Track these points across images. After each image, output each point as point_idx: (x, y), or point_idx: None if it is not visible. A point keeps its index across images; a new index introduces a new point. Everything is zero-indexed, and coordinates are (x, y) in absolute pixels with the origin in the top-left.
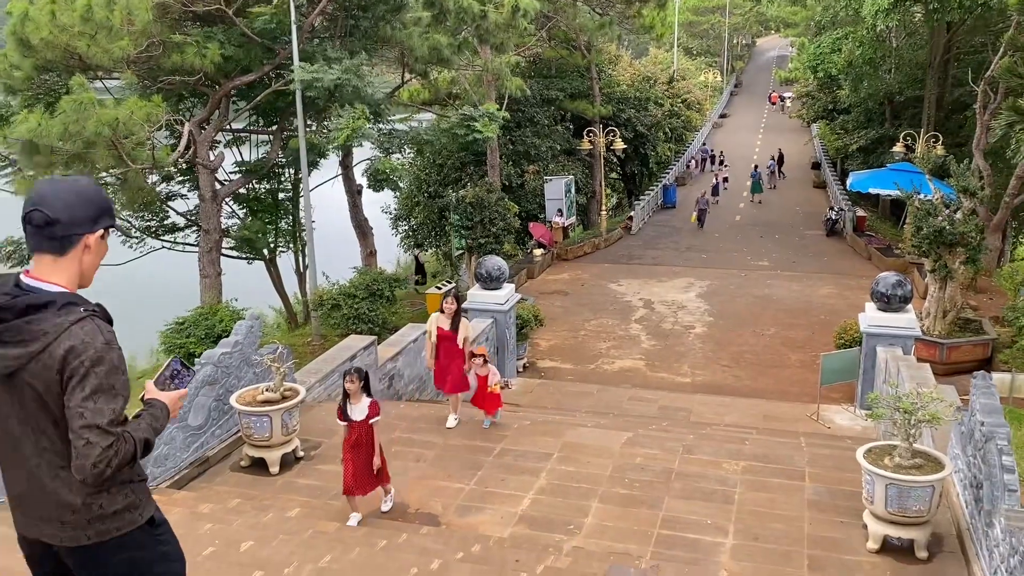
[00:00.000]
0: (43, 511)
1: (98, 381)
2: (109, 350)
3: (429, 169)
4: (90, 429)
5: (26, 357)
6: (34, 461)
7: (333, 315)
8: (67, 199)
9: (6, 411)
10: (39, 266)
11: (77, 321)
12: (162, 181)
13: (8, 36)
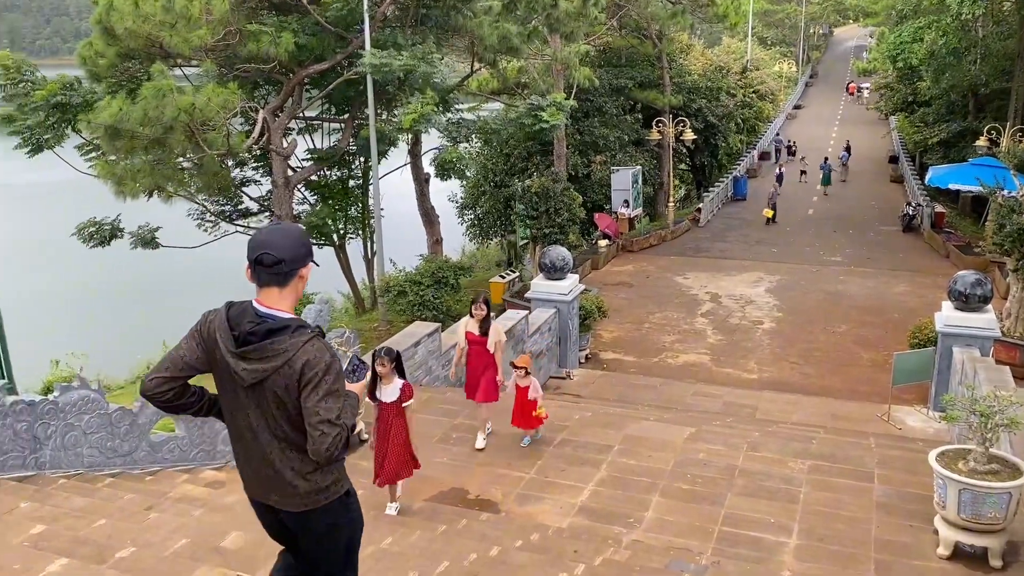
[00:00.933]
0: (271, 484)
1: (328, 386)
2: (333, 362)
3: (495, 158)
4: (324, 423)
5: (271, 370)
6: (268, 447)
7: (399, 301)
8: (286, 242)
9: (248, 408)
10: (267, 296)
11: (308, 340)
12: (236, 167)
13: (94, 25)
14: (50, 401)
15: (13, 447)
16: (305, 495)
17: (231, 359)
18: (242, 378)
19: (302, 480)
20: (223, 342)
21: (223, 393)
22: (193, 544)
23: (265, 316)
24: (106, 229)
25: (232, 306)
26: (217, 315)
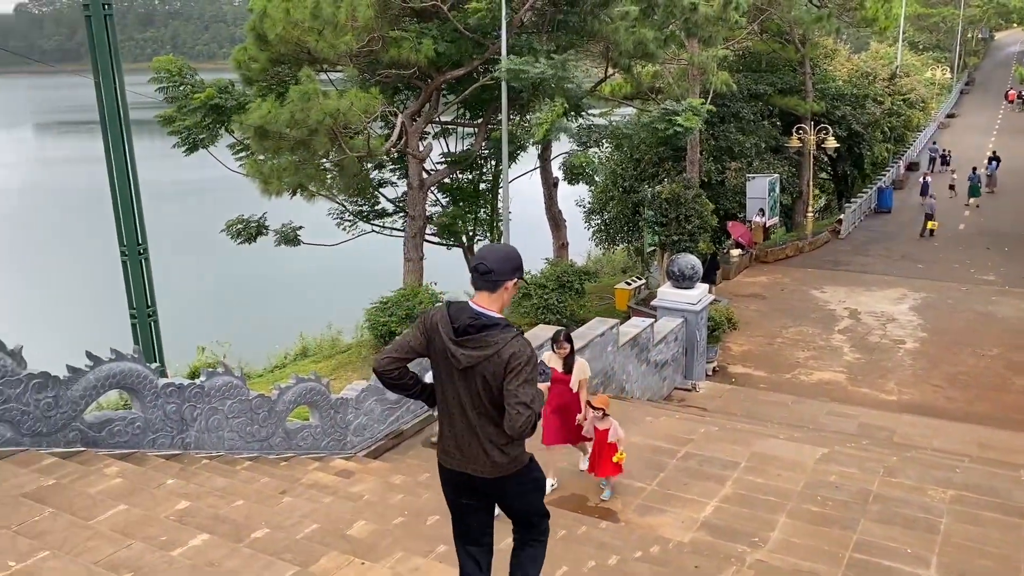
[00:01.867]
0: (474, 454)
1: (526, 375)
2: (533, 356)
3: (626, 163)
4: (521, 404)
5: (483, 358)
6: (474, 423)
7: (523, 304)
8: (498, 257)
9: (459, 387)
10: (480, 299)
11: (514, 337)
12: (375, 169)
13: (248, 31)
14: (197, 385)
15: (163, 427)
16: (498, 464)
17: (451, 345)
18: (458, 361)
19: (497, 451)
20: (444, 331)
21: (438, 374)
22: (322, 530)
23: (480, 314)
24: (253, 226)
25: (452, 304)
26: (439, 311)
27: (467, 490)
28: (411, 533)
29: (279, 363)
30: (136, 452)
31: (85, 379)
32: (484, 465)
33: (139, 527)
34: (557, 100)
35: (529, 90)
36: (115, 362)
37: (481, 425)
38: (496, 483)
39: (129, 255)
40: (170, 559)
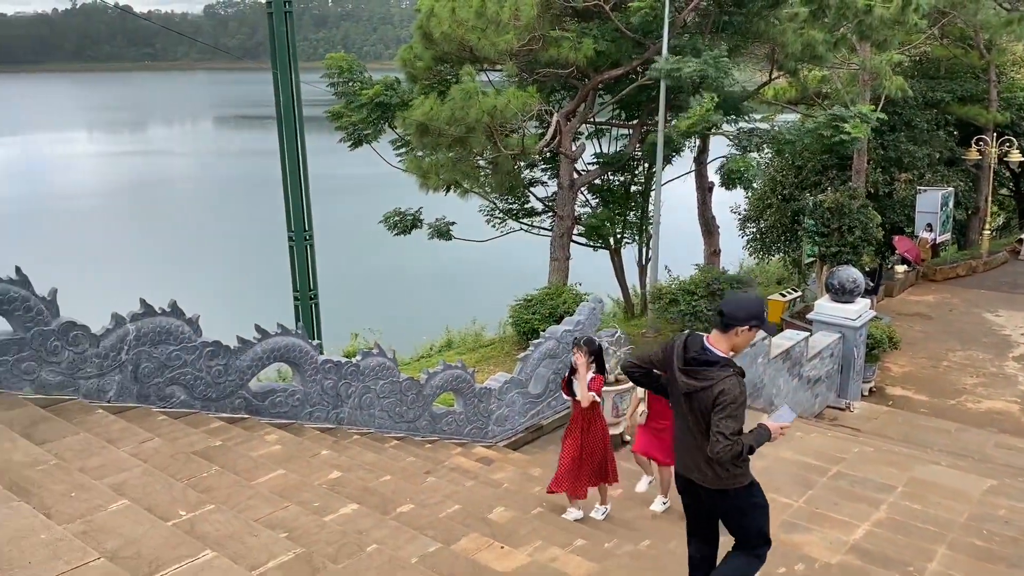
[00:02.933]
0: (694, 464)
1: (729, 411)
2: (741, 396)
3: (786, 170)
4: (720, 435)
5: (699, 388)
6: (696, 438)
7: (670, 310)
8: (737, 305)
9: (685, 409)
10: (713, 336)
11: (727, 376)
12: (527, 168)
13: (415, 30)
14: (353, 364)
15: (320, 401)
16: (714, 478)
17: (678, 371)
18: (682, 387)
19: (711, 467)
20: (676, 359)
21: (673, 392)
22: (464, 511)
23: (707, 350)
24: (408, 219)
25: (690, 336)
26: (681, 338)
27: (691, 493)
28: (550, 524)
29: (424, 353)
30: (294, 423)
31: (253, 350)
32: (704, 475)
33: (295, 492)
34: (707, 95)
35: (688, 90)
36: (281, 336)
37: (700, 443)
38: (714, 493)
39: (296, 241)
40: (322, 523)
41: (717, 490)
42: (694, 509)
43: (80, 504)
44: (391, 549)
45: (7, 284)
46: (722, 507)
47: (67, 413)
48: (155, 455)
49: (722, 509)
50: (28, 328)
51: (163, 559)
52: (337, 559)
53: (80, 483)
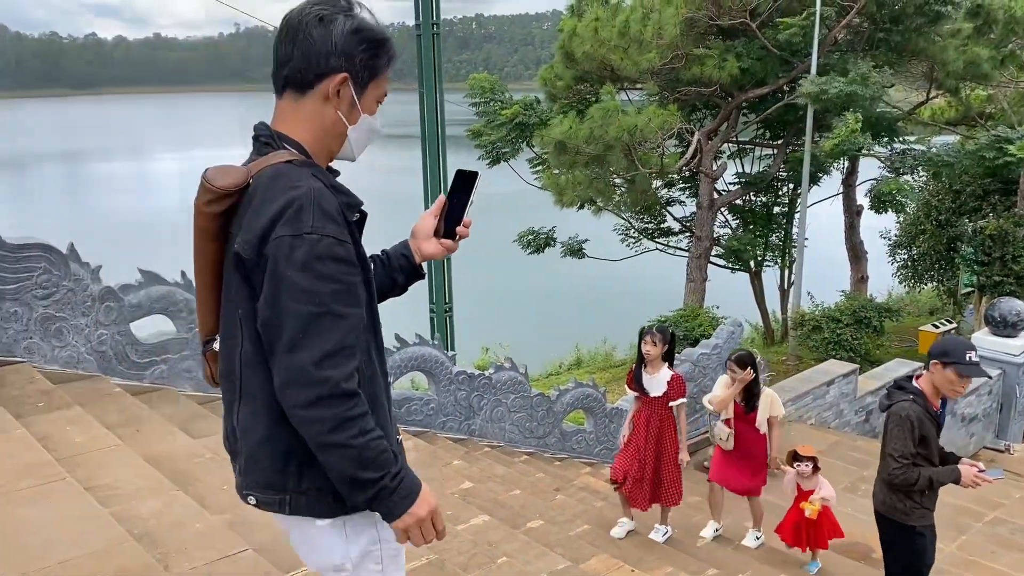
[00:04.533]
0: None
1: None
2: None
3: (943, 194)
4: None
5: (884, 408)
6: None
7: (813, 337)
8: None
9: None
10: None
11: (901, 400)
12: (664, 187)
13: (557, 50)
14: (485, 376)
15: (453, 411)
16: (880, 501)
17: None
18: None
19: (885, 487)
20: None
21: None
22: (593, 531)
23: (896, 379)
24: (542, 237)
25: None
26: None
27: None
28: (681, 550)
29: (553, 370)
30: (428, 431)
31: (392, 358)
32: (876, 496)
33: None
34: (850, 116)
35: (837, 109)
36: (419, 346)
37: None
38: (878, 516)
39: None
40: (455, 532)
41: (880, 514)
42: None
43: (232, 497)
44: (521, 563)
45: (172, 287)
46: (880, 531)
47: (220, 411)
48: None
49: (879, 533)
50: (191, 329)
51: None
52: (468, 568)
53: (230, 478)
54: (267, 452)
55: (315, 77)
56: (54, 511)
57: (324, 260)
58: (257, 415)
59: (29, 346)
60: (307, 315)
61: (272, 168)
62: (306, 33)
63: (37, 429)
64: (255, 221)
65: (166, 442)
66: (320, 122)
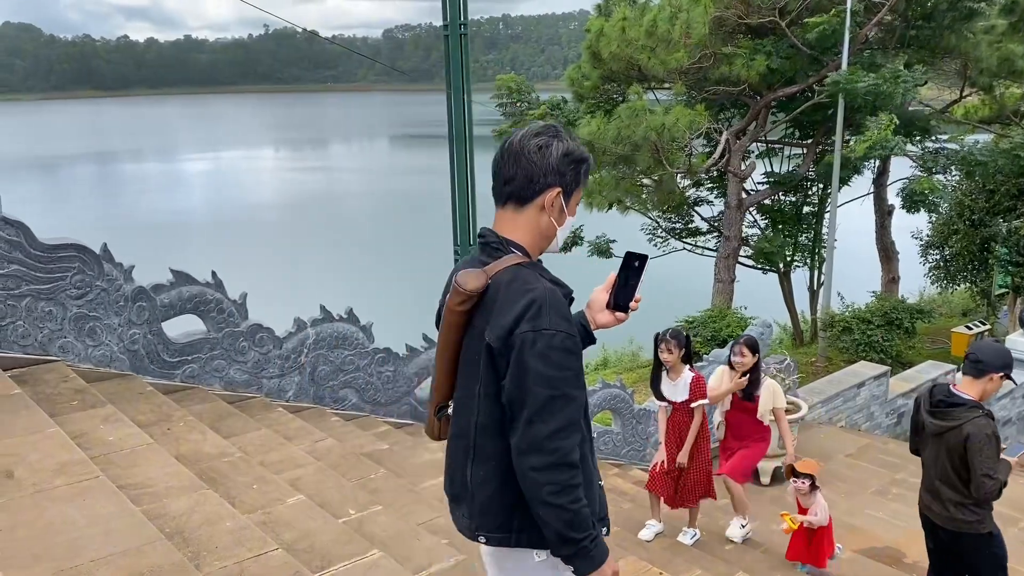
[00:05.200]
0: (935, 503)
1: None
2: (994, 435)
3: (976, 194)
4: (985, 476)
5: (946, 428)
6: (937, 479)
7: (843, 338)
8: (991, 352)
9: (931, 450)
10: (964, 381)
11: (975, 417)
12: (692, 186)
13: (584, 50)
14: None
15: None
16: (951, 519)
17: (925, 414)
18: (929, 428)
19: (952, 507)
20: (924, 403)
21: (922, 435)
22: (620, 534)
23: (952, 393)
24: (569, 237)
25: (935, 384)
26: (925, 390)
27: (931, 532)
28: (709, 554)
29: None
30: None
31: (419, 358)
32: (940, 515)
33: None
34: (884, 116)
35: (866, 109)
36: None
37: (941, 483)
38: (952, 535)
39: (461, 254)
40: None
41: (955, 532)
42: (935, 551)
43: (260, 496)
44: None
45: (203, 287)
46: (959, 550)
47: (250, 409)
48: (328, 454)
49: (959, 552)
50: (220, 328)
51: (334, 555)
52: None
53: (261, 476)
54: (498, 503)
55: (534, 193)
56: (87, 509)
57: (558, 352)
58: (490, 474)
59: (63, 345)
60: (545, 397)
61: (508, 271)
62: (528, 158)
63: (71, 427)
64: (502, 318)
65: (196, 441)
66: (536, 227)
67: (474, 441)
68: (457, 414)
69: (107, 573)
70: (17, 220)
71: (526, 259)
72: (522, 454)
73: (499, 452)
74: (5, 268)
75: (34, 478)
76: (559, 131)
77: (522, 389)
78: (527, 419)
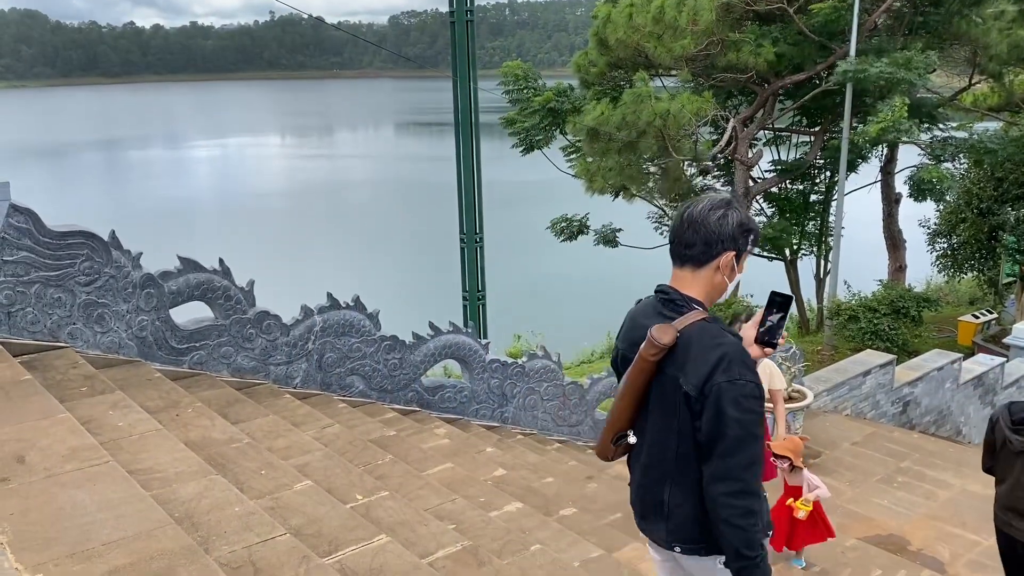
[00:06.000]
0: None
1: None
2: None
3: (984, 182)
4: None
5: None
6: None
7: (849, 327)
8: None
9: (1016, 468)
10: None
11: None
12: (699, 174)
13: (591, 37)
14: (519, 365)
15: (486, 399)
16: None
17: (1008, 431)
18: (1013, 444)
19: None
20: (1003, 420)
21: (1001, 453)
22: (626, 520)
23: None
24: (575, 225)
25: (1013, 403)
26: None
27: (1010, 547)
28: None
29: (585, 358)
30: (461, 418)
31: (426, 346)
32: (1018, 529)
33: (462, 486)
34: (898, 99)
35: (875, 95)
36: (452, 334)
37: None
38: None
39: (467, 243)
40: (488, 519)
41: None
42: (1013, 563)
43: (269, 482)
44: (554, 551)
45: (211, 274)
46: None
47: (258, 396)
48: (335, 440)
49: None
50: (228, 315)
51: (341, 540)
52: (502, 555)
53: (269, 462)
54: (693, 520)
55: (711, 256)
56: (98, 494)
57: (748, 399)
58: (686, 496)
59: (72, 331)
60: (736, 436)
61: (695, 325)
62: (707, 227)
63: (81, 413)
64: (698, 369)
65: (205, 427)
66: (711, 284)
67: (672, 469)
68: (651, 445)
69: (118, 557)
70: (26, 207)
71: (706, 314)
72: (715, 482)
73: (694, 479)
74: (14, 255)
75: (45, 463)
76: (732, 202)
77: (718, 430)
78: (721, 454)
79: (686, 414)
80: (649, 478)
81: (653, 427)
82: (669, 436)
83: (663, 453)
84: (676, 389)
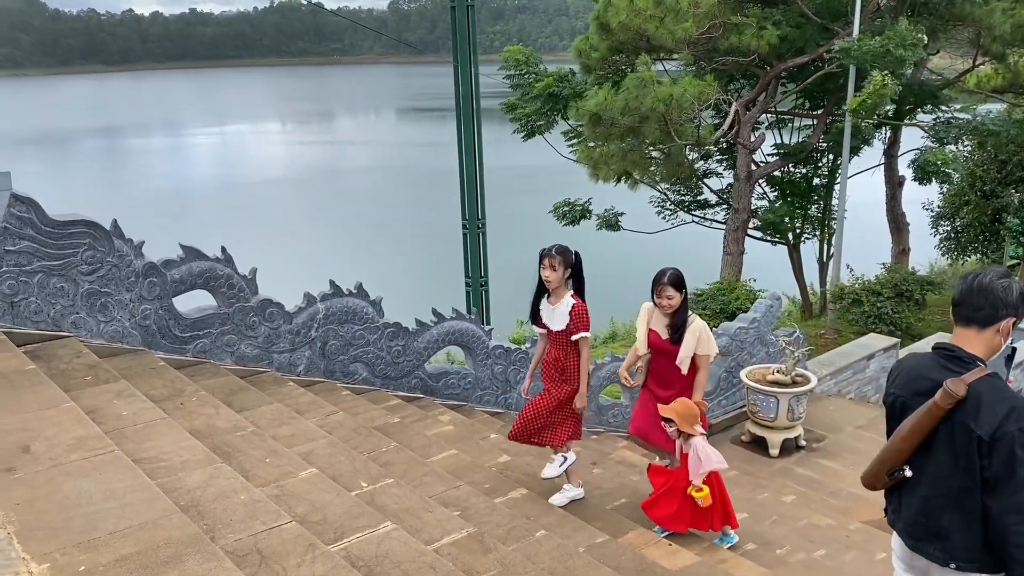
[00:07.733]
0: None
1: None
2: None
3: (988, 164)
4: None
5: None
6: None
7: (852, 310)
8: None
9: None
10: None
11: None
12: (701, 159)
13: (592, 21)
14: (522, 351)
15: (490, 385)
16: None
17: None
18: None
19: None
20: None
21: None
22: (630, 505)
23: None
24: (577, 210)
25: None
26: None
27: None
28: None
29: None
30: (465, 405)
31: (429, 333)
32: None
33: (467, 472)
34: (877, 75)
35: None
36: (456, 320)
37: None
38: None
39: (469, 228)
40: (492, 506)
41: None
42: None
43: (273, 470)
44: (559, 537)
45: (213, 262)
46: None
47: (262, 384)
48: (339, 428)
49: None
50: (231, 304)
51: (346, 527)
52: (507, 541)
53: (273, 450)
54: (975, 544)
55: (995, 320)
56: (104, 483)
57: None
58: (970, 523)
59: (76, 321)
60: None
61: (984, 380)
62: (995, 295)
63: (85, 402)
64: (991, 418)
65: (209, 415)
66: (991, 344)
67: (954, 500)
68: (934, 479)
69: (125, 546)
70: (27, 196)
71: (989, 370)
72: (1006, 513)
73: (975, 508)
74: (17, 244)
75: (50, 452)
76: (1010, 275)
77: (1010, 470)
78: (1012, 490)
79: (975, 455)
80: (931, 506)
81: (936, 464)
82: (955, 472)
83: (947, 486)
84: (967, 434)
